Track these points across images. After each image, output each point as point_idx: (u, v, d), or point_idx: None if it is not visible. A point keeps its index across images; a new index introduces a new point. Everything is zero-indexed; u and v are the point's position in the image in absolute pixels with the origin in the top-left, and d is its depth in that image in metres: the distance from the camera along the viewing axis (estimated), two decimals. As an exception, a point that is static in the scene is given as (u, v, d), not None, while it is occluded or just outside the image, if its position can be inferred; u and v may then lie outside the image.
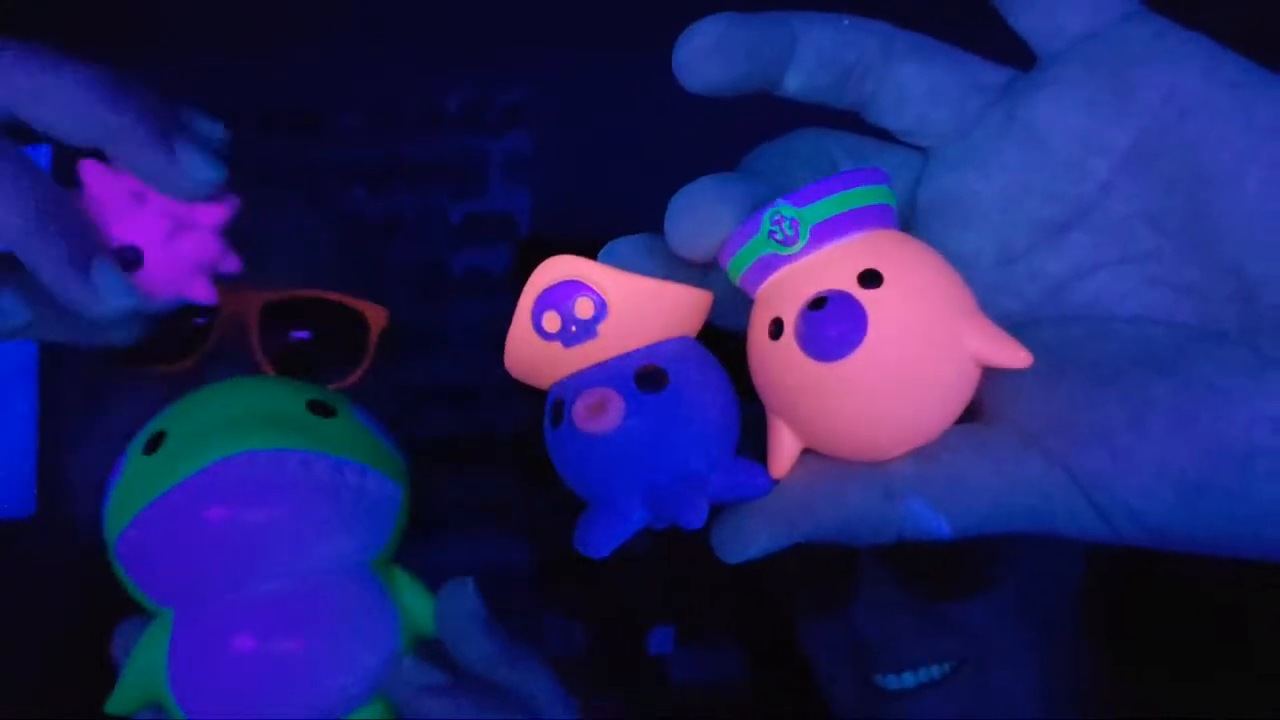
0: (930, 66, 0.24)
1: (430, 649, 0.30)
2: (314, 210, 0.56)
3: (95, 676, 0.53)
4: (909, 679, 0.51)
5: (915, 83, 0.24)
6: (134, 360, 0.50)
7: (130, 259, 0.27)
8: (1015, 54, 0.24)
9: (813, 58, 0.23)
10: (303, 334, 0.50)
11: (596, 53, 0.86)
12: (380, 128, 0.91)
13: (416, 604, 0.30)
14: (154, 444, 0.28)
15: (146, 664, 0.28)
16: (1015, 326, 0.24)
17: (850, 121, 0.25)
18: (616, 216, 0.80)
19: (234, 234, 0.51)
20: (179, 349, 0.49)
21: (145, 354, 0.50)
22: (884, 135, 0.25)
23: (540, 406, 0.24)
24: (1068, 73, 0.23)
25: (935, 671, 0.51)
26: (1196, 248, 0.22)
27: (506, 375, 0.25)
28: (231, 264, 0.29)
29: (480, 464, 0.94)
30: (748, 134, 0.26)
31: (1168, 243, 0.22)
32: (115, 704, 0.29)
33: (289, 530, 0.27)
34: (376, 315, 0.51)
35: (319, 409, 0.29)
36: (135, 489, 0.28)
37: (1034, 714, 0.51)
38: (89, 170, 0.27)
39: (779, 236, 0.21)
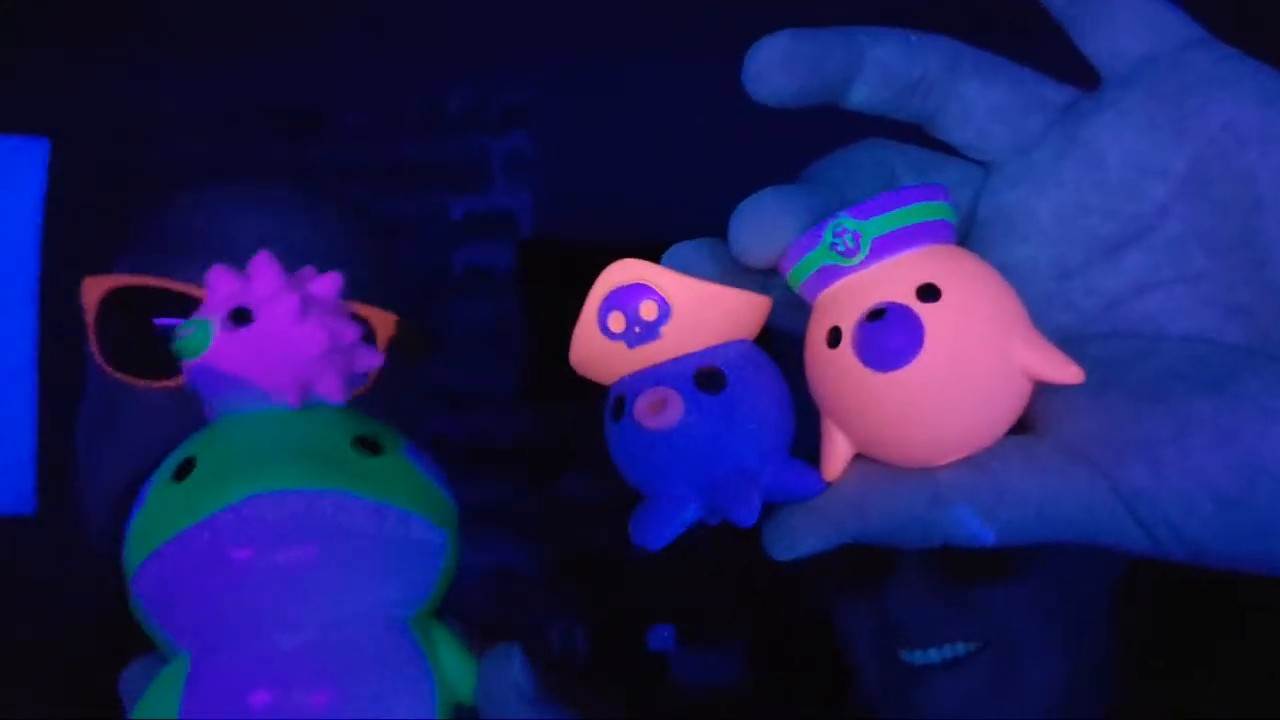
0: (994, 84, 0.25)
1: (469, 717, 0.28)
2: (315, 214, 0.56)
3: (95, 676, 0.53)
4: (934, 655, 0.52)
5: (978, 99, 0.25)
6: (133, 376, 0.50)
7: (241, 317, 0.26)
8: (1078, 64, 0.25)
9: (878, 72, 0.24)
10: None
11: (597, 53, 0.87)
12: (381, 128, 0.92)
13: (456, 666, 0.27)
14: (183, 471, 0.26)
15: (157, 710, 0.26)
16: (1068, 340, 0.24)
17: (903, 132, 0.26)
18: (618, 215, 0.81)
19: (229, 240, 0.51)
20: (179, 364, 0.50)
21: (143, 370, 0.50)
22: (946, 149, 0.26)
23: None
24: (1128, 96, 0.24)
25: (960, 649, 0.52)
26: (1248, 270, 0.23)
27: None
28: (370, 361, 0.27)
29: (482, 465, 0.95)
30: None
31: (1220, 264, 0.23)
32: None
33: (319, 577, 0.25)
34: (384, 321, 0.50)
35: (366, 445, 0.27)
36: (159, 520, 0.26)
37: (1055, 703, 0.51)
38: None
39: (840, 248, 0.22)
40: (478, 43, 0.91)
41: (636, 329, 0.23)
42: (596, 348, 0.24)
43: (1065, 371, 0.22)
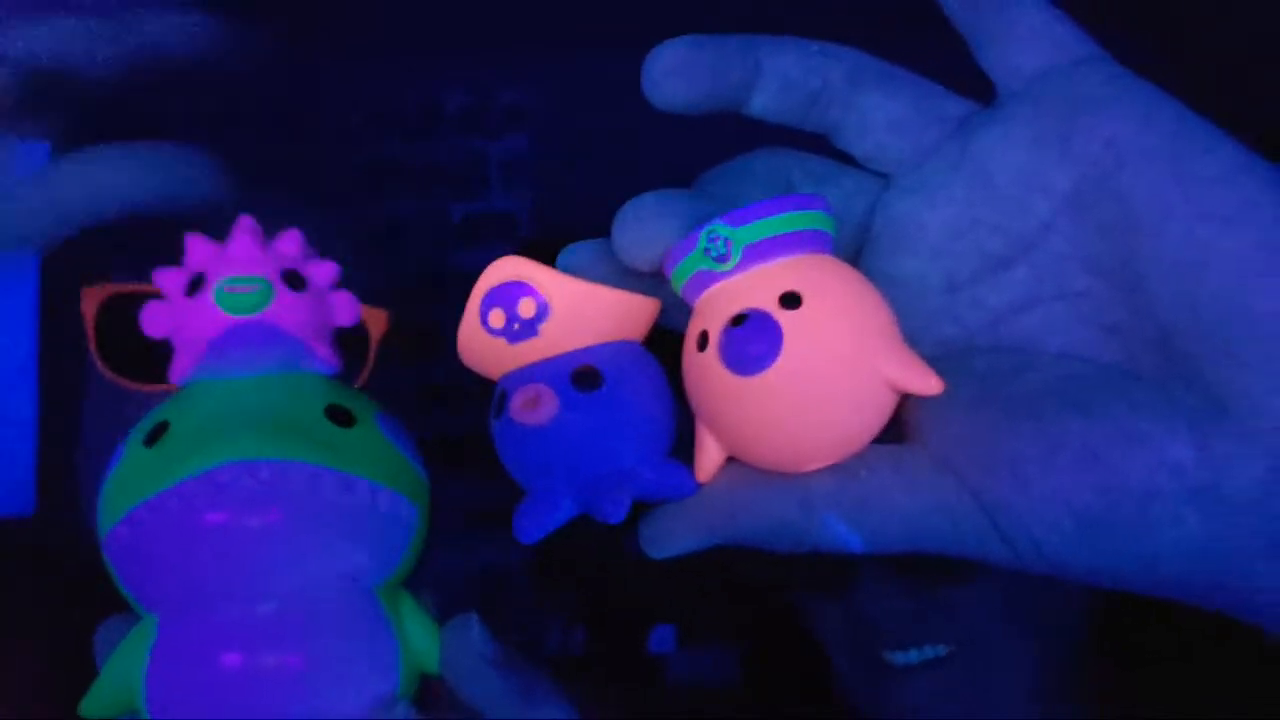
0: (894, 97, 0.25)
1: (434, 688, 0.28)
2: (308, 213, 0.56)
3: (95, 676, 0.53)
4: (914, 655, 0.52)
5: (877, 112, 0.25)
6: (136, 380, 0.51)
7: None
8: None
9: (777, 82, 0.25)
10: None
11: (597, 54, 0.87)
12: (379, 129, 0.92)
13: (421, 636, 0.27)
14: (155, 435, 0.26)
15: (125, 669, 0.26)
16: (952, 353, 0.25)
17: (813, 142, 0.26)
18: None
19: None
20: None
21: (145, 374, 0.51)
22: (851, 160, 0.26)
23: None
24: (1019, 111, 0.24)
25: (941, 649, 0.52)
26: (1124, 291, 0.23)
27: None
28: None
29: (480, 465, 0.95)
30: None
31: (1099, 283, 0.23)
32: (89, 707, 0.27)
33: (287, 545, 0.25)
34: (377, 319, 0.51)
35: (339, 416, 0.27)
36: (130, 484, 0.26)
37: (1026, 707, 0.52)
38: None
39: (714, 254, 0.23)
40: (477, 44, 0.92)
41: (515, 325, 0.24)
42: (480, 344, 0.24)
43: (926, 382, 0.22)
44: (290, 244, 0.27)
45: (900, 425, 0.24)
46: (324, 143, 0.93)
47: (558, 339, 0.24)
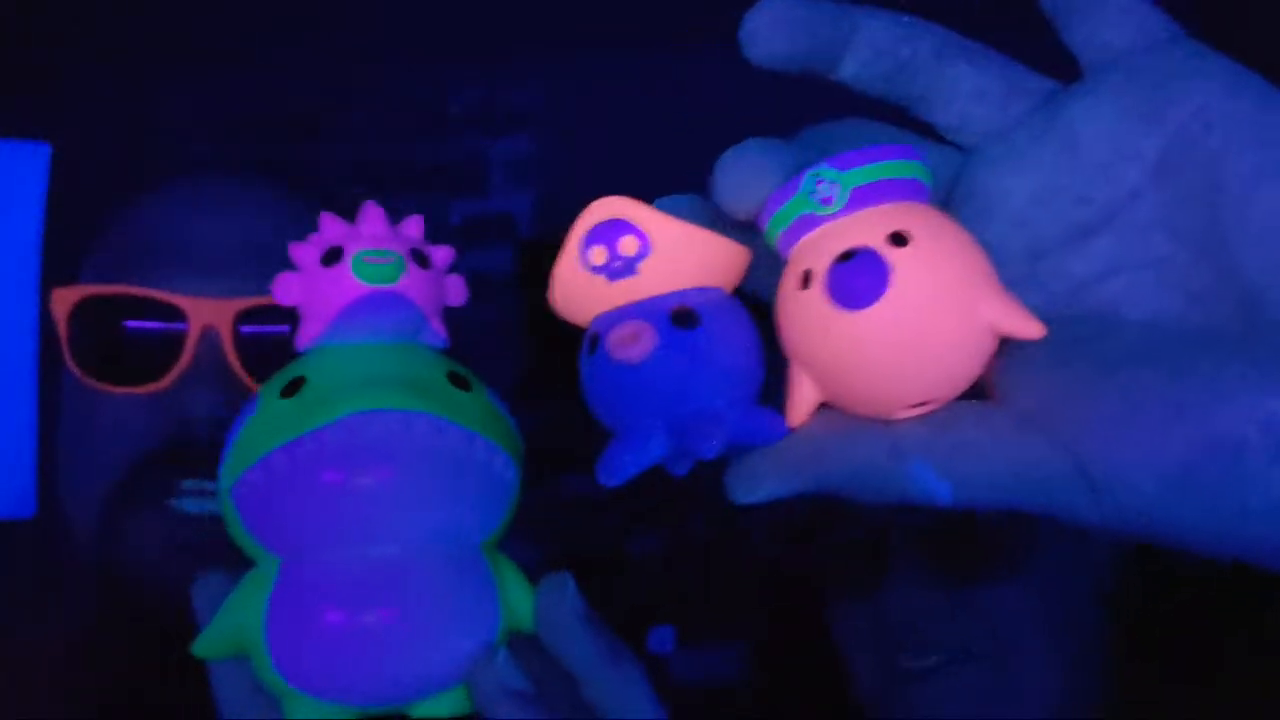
0: (980, 69, 0.26)
1: (527, 644, 0.29)
2: (275, 211, 0.56)
3: (95, 677, 0.53)
4: (933, 659, 0.52)
5: (964, 82, 0.26)
6: (108, 383, 0.51)
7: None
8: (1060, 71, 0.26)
9: (869, 47, 0.25)
10: (283, 338, 0.50)
11: (598, 54, 0.88)
12: (380, 129, 0.92)
13: (518, 596, 0.29)
14: (293, 388, 0.28)
15: (242, 612, 0.28)
16: None
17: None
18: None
19: (190, 240, 0.51)
20: (154, 368, 0.50)
21: (117, 376, 0.51)
22: (927, 133, 0.27)
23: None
24: (1108, 82, 0.25)
25: (960, 654, 0.52)
26: (1209, 258, 0.23)
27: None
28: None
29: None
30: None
31: (1184, 250, 0.24)
32: (203, 647, 0.28)
33: (409, 493, 0.27)
34: None
35: (458, 381, 0.29)
36: (266, 431, 0.27)
37: (1051, 704, 0.52)
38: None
39: (818, 197, 0.23)
40: (479, 44, 0.92)
41: (616, 263, 0.24)
42: (577, 282, 0.25)
43: (1028, 326, 0.23)
44: (414, 227, 0.30)
45: (982, 385, 0.24)
46: (324, 143, 0.93)
47: (655, 279, 0.24)
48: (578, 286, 0.25)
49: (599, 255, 0.24)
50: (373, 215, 0.29)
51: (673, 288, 0.25)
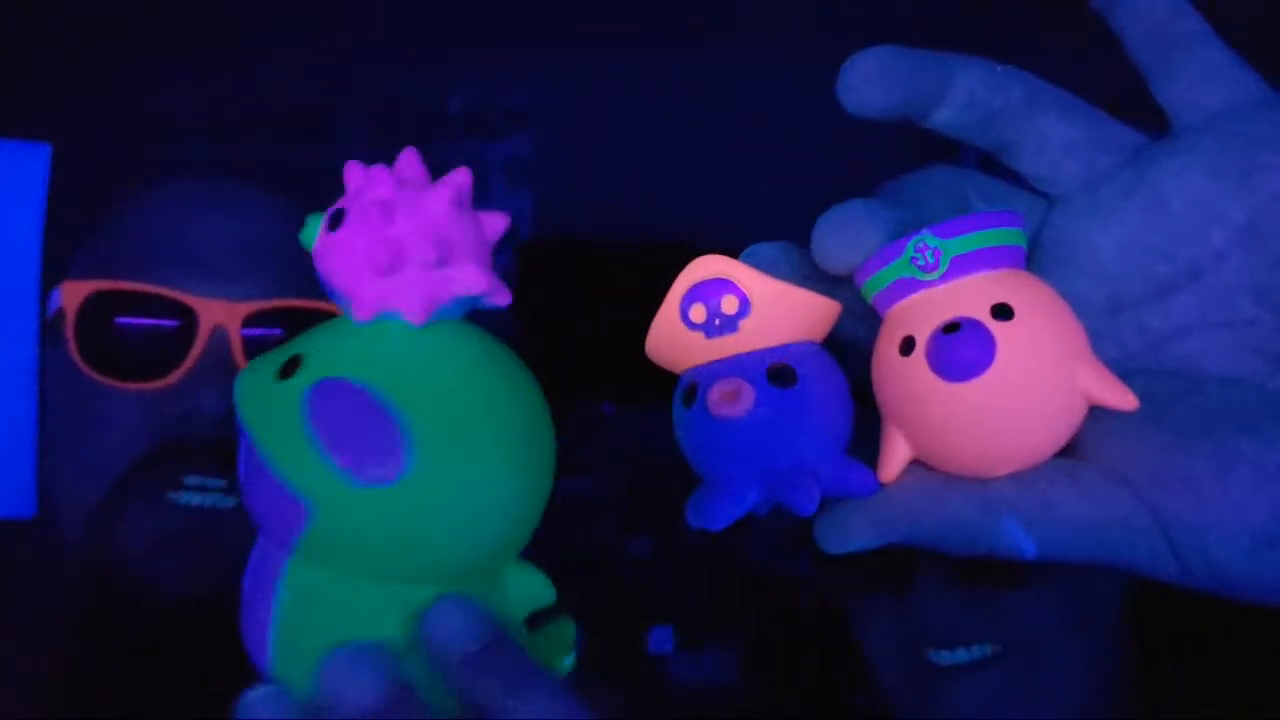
0: (1070, 121, 0.26)
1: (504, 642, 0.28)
2: (268, 210, 0.56)
3: (94, 677, 0.52)
4: (962, 654, 0.53)
5: (1055, 133, 0.26)
6: (115, 377, 0.51)
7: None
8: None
9: (964, 96, 0.26)
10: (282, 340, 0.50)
11: (598, 56, 0.87)
12: (380, 130, 0.92)
13: (526, 580, 0.30)
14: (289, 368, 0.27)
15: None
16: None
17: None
18: (617, 220, 0.81)
19: (183, 237, 0.51)
20: (161, 366, 0.51)
21: (121, 372, 0.51)
22: (1011, 178, 0.27)
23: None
24: (1199, 144, 0.25)
25: (988, 649, 0.53)
26: None
27: None
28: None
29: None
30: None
31: (1268, 314, 0.24)
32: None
33: None
34: None
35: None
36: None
37: (1074, 704, 0.53)
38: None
39: (920, 262, 0.24)
40: (479, 45, 0.91)
41: (716, 321, 0.25)
42: (675, 336, 0.25)
43: (1124, 399, 0.23)
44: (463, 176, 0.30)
45: (1070, 444, 0.25)
46: (324, 143, 0.93)
47: (754, 336, 0.25)
48: (676, 340, 0.25)
49: (699, 313, 0.25)
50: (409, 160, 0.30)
51: (768, 343, 0.25)
